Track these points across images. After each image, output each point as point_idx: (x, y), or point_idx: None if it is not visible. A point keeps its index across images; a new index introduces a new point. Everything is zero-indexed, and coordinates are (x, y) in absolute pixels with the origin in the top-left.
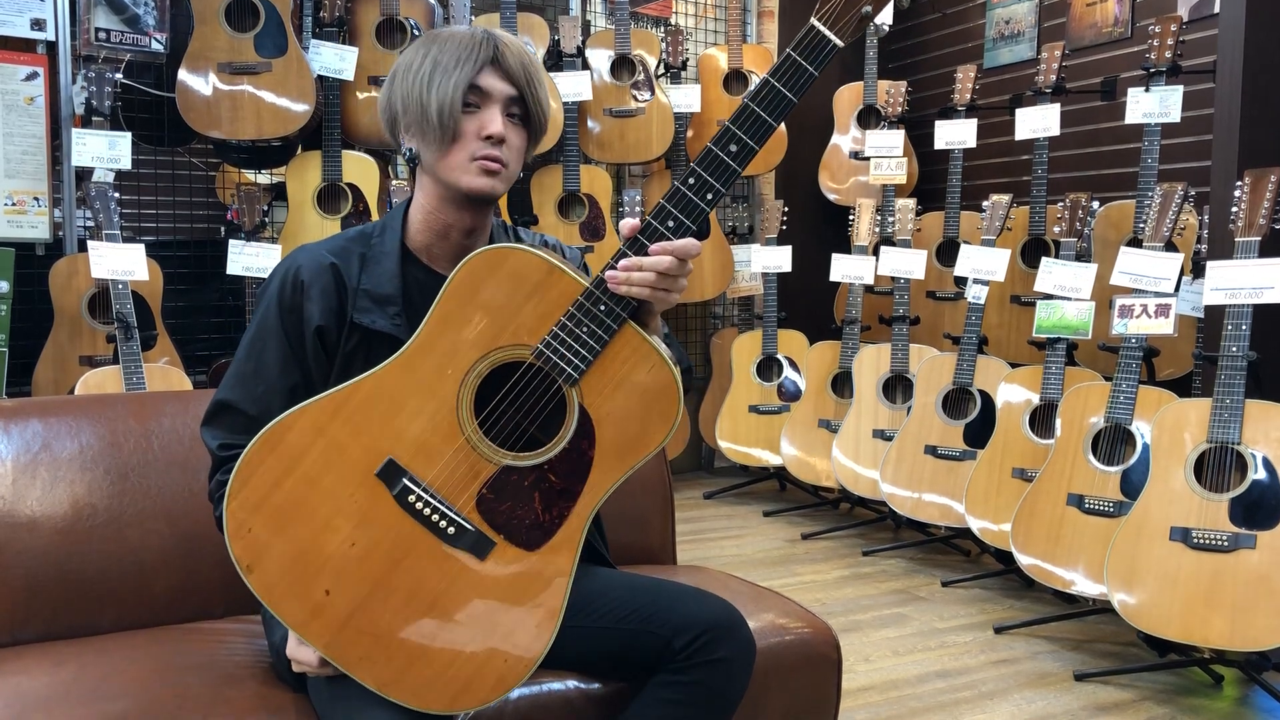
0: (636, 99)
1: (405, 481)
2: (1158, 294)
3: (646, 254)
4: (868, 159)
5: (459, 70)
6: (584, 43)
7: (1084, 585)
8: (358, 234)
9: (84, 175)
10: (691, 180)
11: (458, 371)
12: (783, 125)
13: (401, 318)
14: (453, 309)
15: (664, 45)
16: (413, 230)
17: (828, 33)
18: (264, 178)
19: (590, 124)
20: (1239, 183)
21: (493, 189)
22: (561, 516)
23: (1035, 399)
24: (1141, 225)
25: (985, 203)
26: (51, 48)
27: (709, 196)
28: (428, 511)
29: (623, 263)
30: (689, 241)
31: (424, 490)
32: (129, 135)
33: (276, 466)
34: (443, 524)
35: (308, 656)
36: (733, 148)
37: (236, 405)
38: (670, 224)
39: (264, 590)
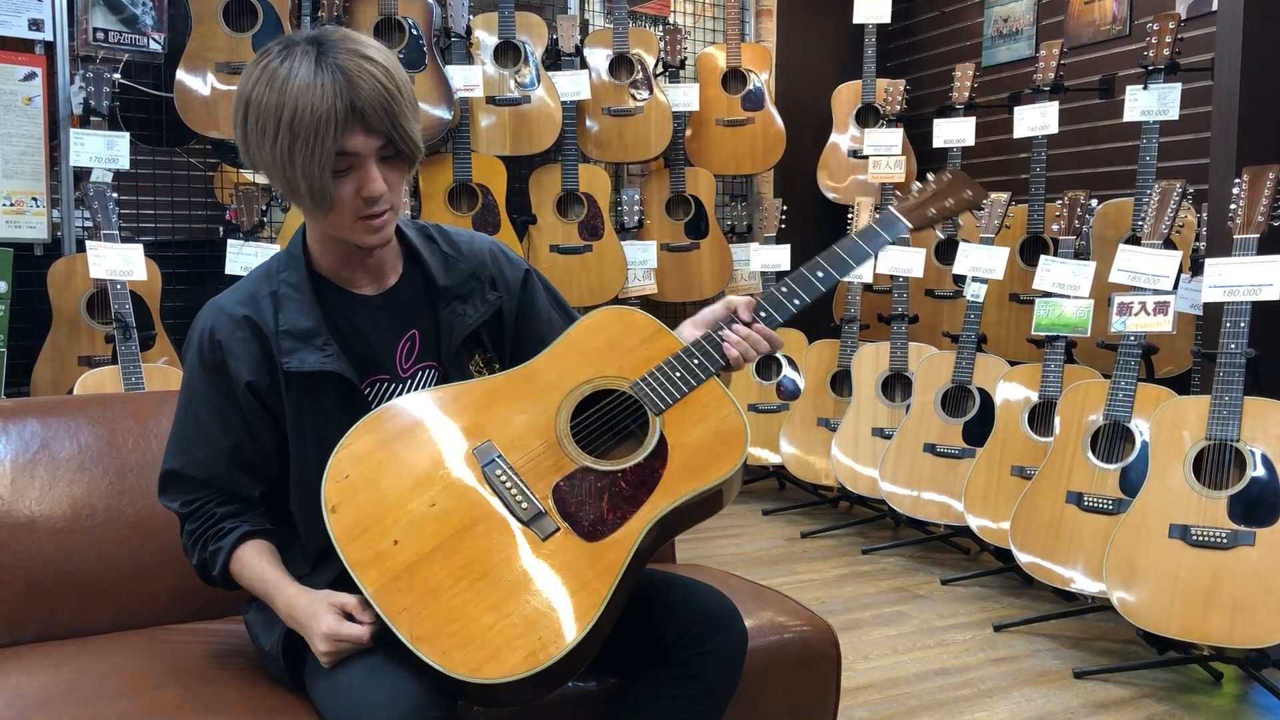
0: (635, 98)
1: (495, 459)
2: (1156, 291)
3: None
4: (866, 157)
5: (320, 142)
6: (582, 41)
7: (1083, 583)
8: (263, 273)
9: (82, 175)
10: (784, 289)
11: (565, 387)
12: (781, 124)
13: (331, 345)
14: (575, 339)
15: (662, 44)
16: (317, 256)
17: (902, 218)
18: (262, 178)
19: (589, 123)
20: (1237, 180)
21: (384, 239)
22: (623, 519)
23: (1034, 397)
24: (1140, 223)
25: (984, 201)
26: (49, 48)
27: (796, 302)
28: (508, 486)
29: (736, 328)
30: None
31: (509, 469)
32: (127, 135)
33: (391, 430)
34: (518, 498)
35: (356, 632)
36: (819, 274)
37: (183, 472)
38: (762, 314)
39: (339, 530)
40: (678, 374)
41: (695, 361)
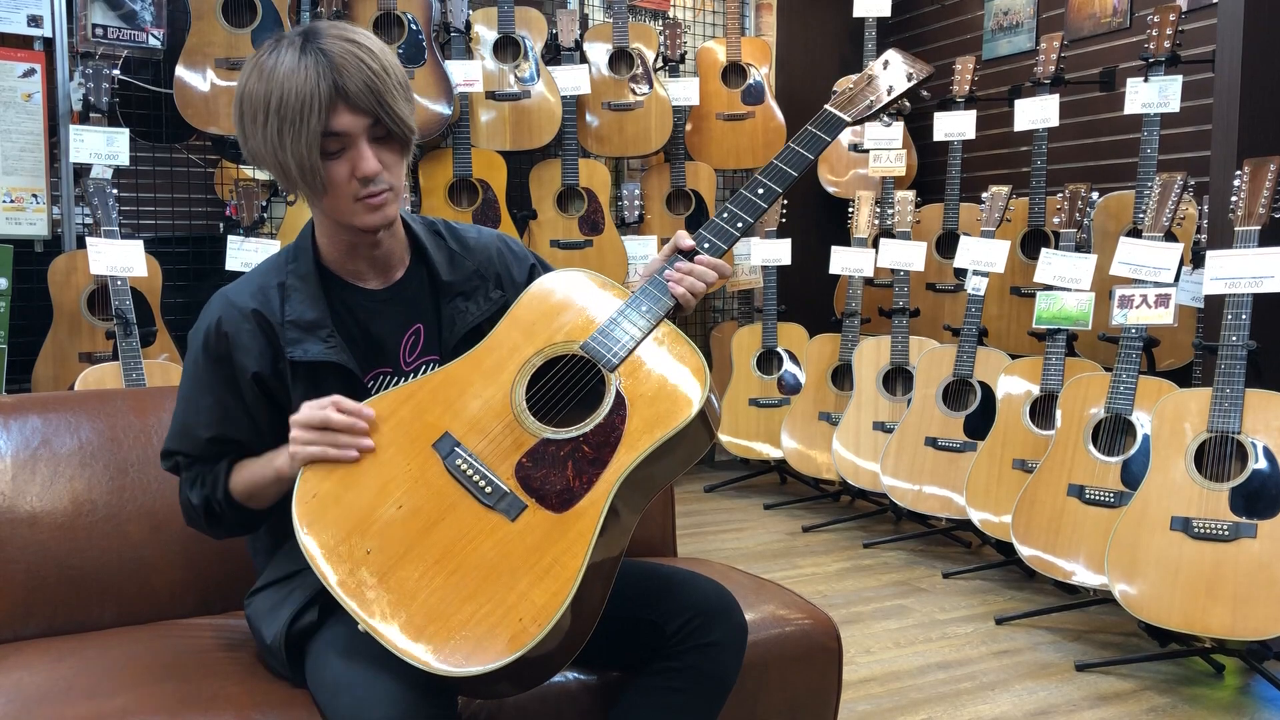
0: (635, 92)
1: (455, 448)
2: (1157, 284)
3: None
4: (867, 151)
5: (305, 123)
6: (582, 36)
7: (1085, 576)
8: (272, 265)
9: (82, 172)
10: (725, 215)
11: (516, 363)
12: (781, 118)
13: (335, 338)
14: (520, 313)
15: (662, 38)
16: (324, 250)
17: (839, 114)
18: (262, 173)
19: (589, 118)
20: (1238, 172)
21: (385, 219)
22: (589, 483)
23: (1035, 390)
24: (1141, 215)
25: (984, 194)
26: (49, 44)
27: (739, 225)
28: (471, 474)
29: (678, 265)
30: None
31: (470, 457)
32: (127, 131)
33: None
34: (482, 484)
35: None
36: (759, 191)
37: (185, 452)
38: (705, 246)
39: (315, 548)
40: (626, 325)
41: (643, 308)
